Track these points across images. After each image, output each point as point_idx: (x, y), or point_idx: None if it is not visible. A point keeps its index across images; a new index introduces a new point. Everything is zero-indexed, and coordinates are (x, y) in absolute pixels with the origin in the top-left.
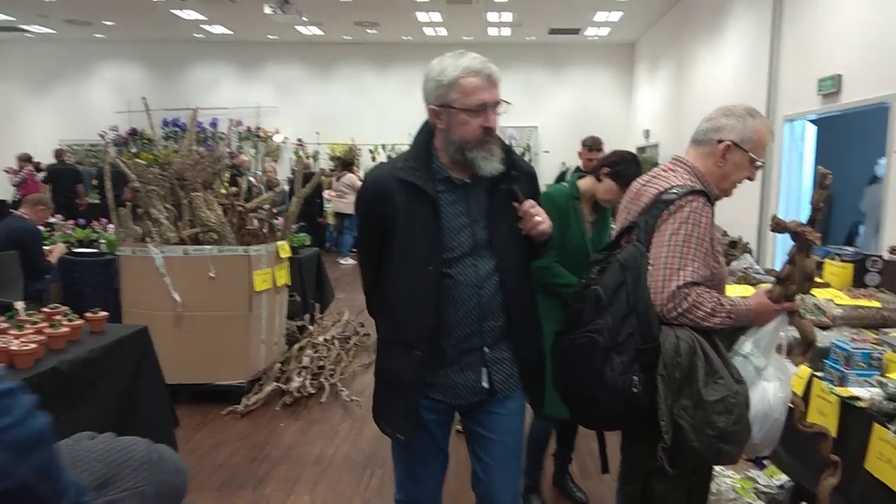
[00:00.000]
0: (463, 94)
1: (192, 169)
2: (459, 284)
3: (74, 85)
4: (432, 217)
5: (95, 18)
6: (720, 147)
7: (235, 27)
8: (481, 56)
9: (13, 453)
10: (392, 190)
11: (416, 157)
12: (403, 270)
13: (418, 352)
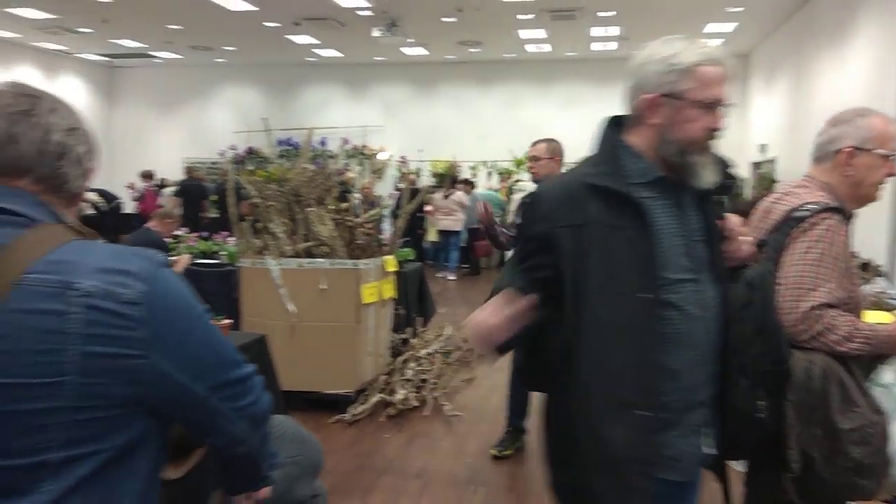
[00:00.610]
0: (700, 85)
1: (306, 185)
2: (686, 316)
3: (197, 106)
4: (641, 229)
5: (217, 44)
6: (841, 156)
7: (345, 50)
8: None
9: (251, 424)
10: (583, 201)
11: (605, 160)
12: (605, 301)
13: (643, 411)
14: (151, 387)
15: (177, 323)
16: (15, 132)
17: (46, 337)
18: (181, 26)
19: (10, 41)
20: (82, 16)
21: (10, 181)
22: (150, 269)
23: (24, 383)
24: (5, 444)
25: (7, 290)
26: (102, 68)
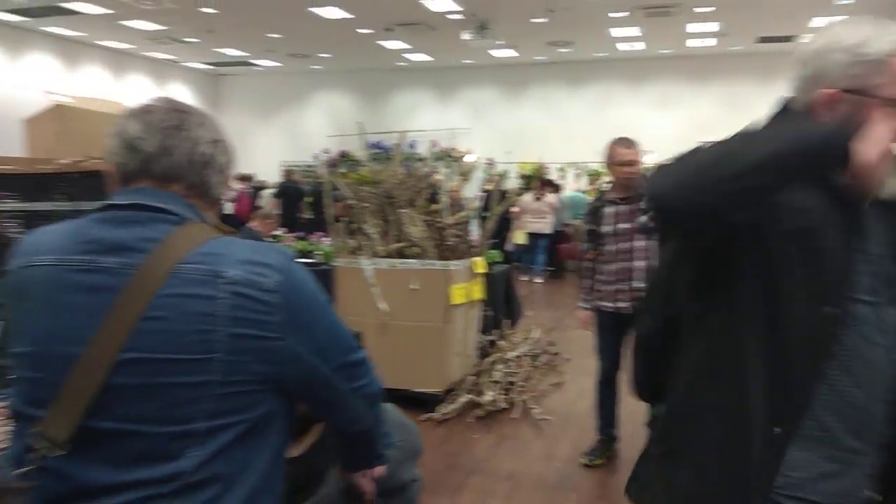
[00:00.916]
0: (894, 80)
1: (398, 187)
2: (866, 341)
3: (294, 112)
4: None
5: (313, 51)
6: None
7: (434, 53)
8: None
9: (368, 403)
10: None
11: None
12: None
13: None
14: (286, 366)
15: (307, 309)
16: (169, 144)
17: (199, 318)
18: (281, 35)
19: (125, 51)
20: (189, 27)
21: (165, 186)
22: (284, 262)
23: (180, 359)
24: (161, 414)
25: (165, 277)
26: (207, 76)
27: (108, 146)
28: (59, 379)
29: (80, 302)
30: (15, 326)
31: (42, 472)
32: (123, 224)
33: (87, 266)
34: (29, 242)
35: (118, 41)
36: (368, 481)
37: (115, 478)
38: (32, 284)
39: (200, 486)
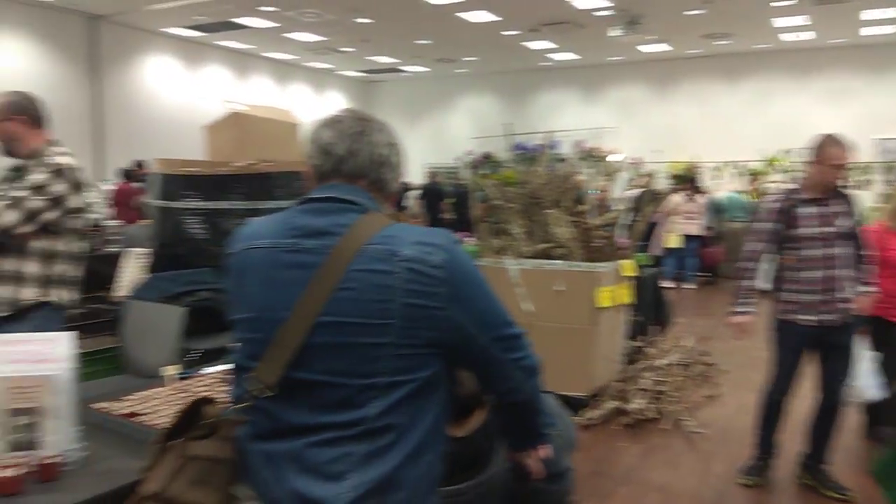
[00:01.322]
0: None
1: (544, 188)
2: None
3: (439, 115)
4: None
5: (459, 55)
6: None
7: (581, 52)
8: None
9: (524, 374)
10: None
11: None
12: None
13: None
14: (449, 333)
15: (468, 285)
16: (355, 148)
17: (379, 290)
18: (429, 41)
19: (288, 62)
20: (346, 37)
21: (352, 182)
22: (449, 243)
23: (365, 323)
24: (350, 368)
25: (354, 255)
26: (360, 83)
27: (306, 151)
28: (271, 337)
29: (289, 276)
30: (237, 298)
31: (254, 411)
32: (321, 213)
33: (294, 248)
34: (247, 230)
35: (282, 53)
36: (535, 462)
37: (311, 420)
38: (251, 263)
39: (379, 433)
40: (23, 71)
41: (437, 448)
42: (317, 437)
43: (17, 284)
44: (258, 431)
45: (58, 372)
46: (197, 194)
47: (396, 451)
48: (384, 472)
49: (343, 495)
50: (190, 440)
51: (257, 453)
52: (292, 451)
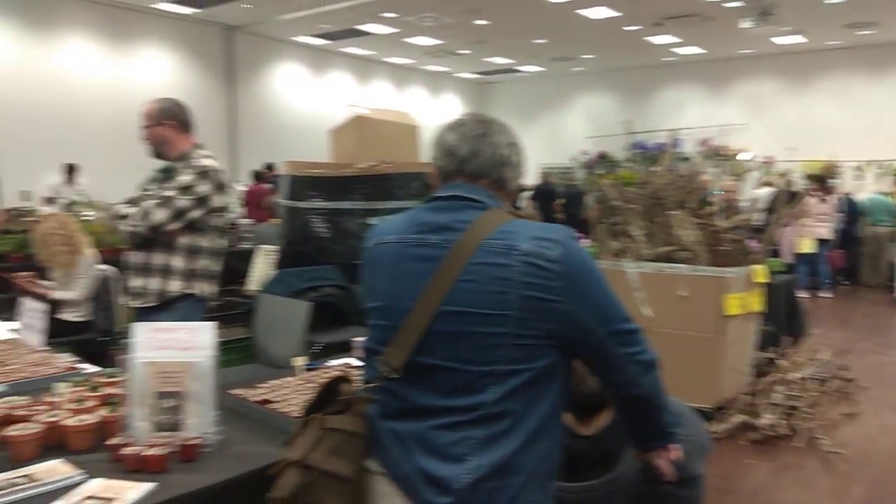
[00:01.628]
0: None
1: (667, 188)
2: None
3: (554, 115)
4: None
5: (576, 53)
6: None
7: (707, 46)
8: None
9: (642, 369)
10: None
11: None
12: None
13: None
14: (565, 325)
15: (584, 279)
16: (477, 149)
17: (498, 282)
18: (545, 40)
19: (406, 66)
20: (463, 39)
21: (474, 181)
22: (566, 239)
23: (484, 313)
24: (469, 355)
25: (474, 249)
26: (475, 85)
27: (431, 153)
28: (397, 324)
29: (414, 268)
30: (369, 288)
31: (382, 391)
32: (444, 210)
33: (419, 242)
34: (379, 228)
35: (401, 57)
36: (666, 463)
37: (434, 402)
38: (382, 257)
39: (496, 418)
40: (166, 80)
41: (555, 437)
42: (439, 421)
43: (164, 277)
44: (386, 410)
45: (201, 359)
46: (321, 195)
47: (513, 437)
48: (502, 456)
49: (464, 476)
50: (327, 414)
51: (386, 431)
52: (417, 432)
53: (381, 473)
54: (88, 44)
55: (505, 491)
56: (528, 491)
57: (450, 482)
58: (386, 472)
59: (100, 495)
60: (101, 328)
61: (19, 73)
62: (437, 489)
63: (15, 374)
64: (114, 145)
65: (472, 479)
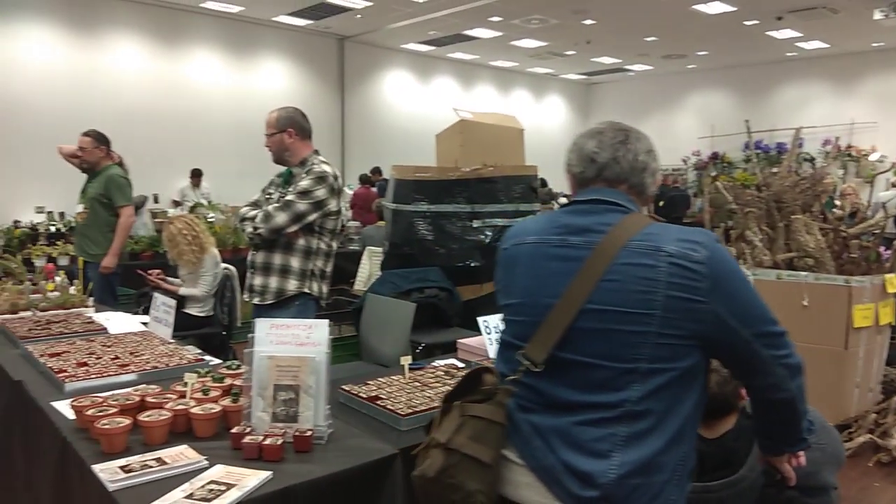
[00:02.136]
0: None
1: (790, 191)
2: None
3: (664, 114)
4: None
5: (690, 50)
6: None
7: (833, 40)
8: None
9: (788, 372)
10: None
11: None
12: None
13: None
14: (710, 326)
15: (729, 281)
16: (617, 156)
17: (643, 282)
18: (656, 37)
19: (510, 69)
20: (569, 40)
21: (614, 186)
22: (710, 242)
23: (629, 312)
24: (612, 352)
25: (618, 250)
26: (580, 86)
27: (569, 159)
28: (538, 320)
29: (555, 267)
30: (506, 286)
31: (520, 385)
32: (585, 214)
33: (561, 243)
34: (515, 230)
35: (506, 60)
36: (789, 468)
37: (575, 397)
38: (521, 256)
39: (639, 416)
40: (283, 89)
41: (692, 437)
42: (581, 417)
43: (283, 276)
44: (523, 403)
45: (316, 355)
46: (426, 198)
47: (657, 436)
48: (647, 454)
49: (610, 472)
50: (469, 402)
51: (524, 423)
52: (559, 426)
53: (519, 463)
54: (214, 56)
55: (648, 488)
56: (669, 490)
57: (596, 476)
58: (524, 462)
59: (221, 480)
60: (222, 323)
61: (152, 84)
62: (583, 483)
63: (146, 364)
64: (235, 151)
65: (618, 475)
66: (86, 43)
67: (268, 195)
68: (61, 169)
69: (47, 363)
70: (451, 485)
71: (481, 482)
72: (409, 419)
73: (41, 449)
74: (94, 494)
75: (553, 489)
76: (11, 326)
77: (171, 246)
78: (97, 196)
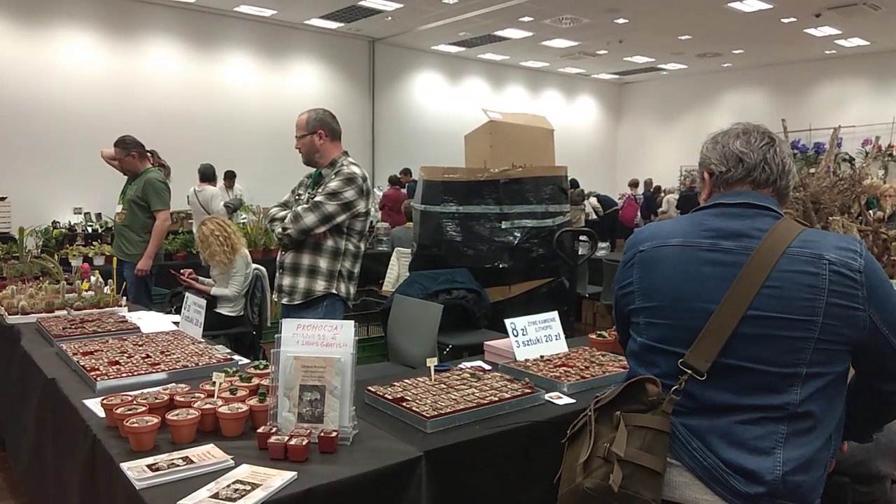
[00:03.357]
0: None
1: (828, 192)
2: None
3: (697, 114)
4: None
5: (725, 49)
6: None
7: (873, 37)
8: None
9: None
10: None
11: None
12: None
13: None
14: (864, 332)
15: (882, 289)
16: (767, 158)
17: (806, 289)
18: (691, 36)
19: (541, 70)
20: (601, 39)
21: (761, 189)
22: (864, 250)
23: (792, 318)
24: (773, 357)
25: (778, 256)
26: (612, 86)
27: (707, 157)
28: (695, 325)
29: (707, 272)
30: (646, 288)
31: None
32: (736, 217)
33: (712, 247)
34: (651, 231)
35: (536, 61)
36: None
37: (734, 401)
38: (664, 259)
39: (800, 418)
40: (314, 91)
41: (840, 436)
42: (743, 417)
43: (311, 277)
44: (676, 409)
45: (342, 355)
46: (454, 199)
47: (815, 436)
48: (808, 452)
49: (776, 469)
50: (632, 412)
51: (678, 426)
52: (719, 427)
53: (675, 465)
54: (247, 59)
55: (808, 485)
56: (820, 485)
57: (762, 474)
58: (681, 463)
59: (246, 480)
60: (252, 323)
61: (187, 87)
62: (748, 480)
63: (176, 363)
64: (267, 153)
65: (784, 472)
66: (123, 47)
67: (297, 196)
68: (99, 171)
69: (80, 361)
70: (628, 495)
71: (654, 491)
72: (435, 421)
73: (72, 446)
74: (122, 492)
75: (715, 488)
76: (47, 325)
77: (203, 247)
78: (135, 198)
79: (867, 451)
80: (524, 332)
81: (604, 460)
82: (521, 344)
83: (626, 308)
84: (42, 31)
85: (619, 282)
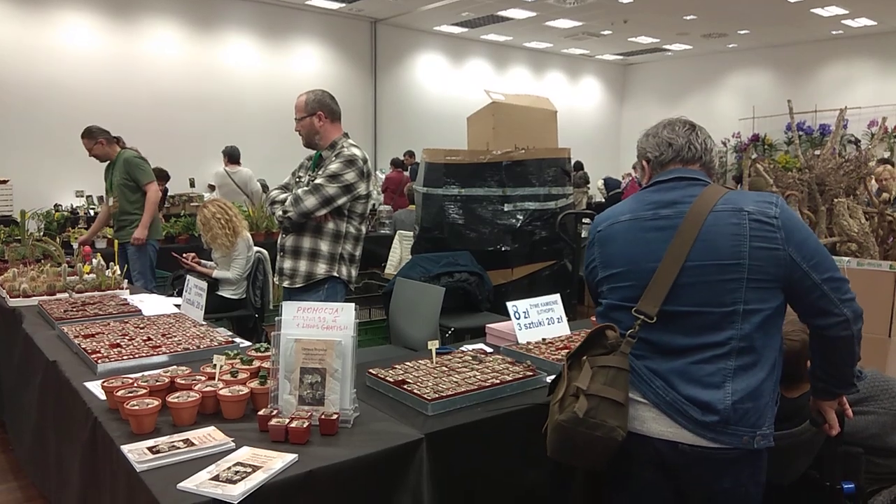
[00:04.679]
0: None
1: (833, 173)
2: None
3: (703, 95)
4: None
5: (731, 29)
6: None
7: (881, 17)
8: None
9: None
10: None
11: None
12: None
13: None
14: (786, 269)
15: (798, 231)
16: (690, 139)
17: (731, 238)
18: (696, 16)
19: (544, 51)
20: (605, 19)
21: (689, 166)
22: (779, 201)
23: (722, 263)
24: (712, 300)
25: (706, 214)
26: (617, 67)
27: (643, 148)
28: (646, 282)
29: (652, 237)
30: (606, 259)
31: (635, 338)
32: (671, 189)
33: (654, 217)
34: (607, 214)
35: (540, 41)
36: (834, 416)
37: (686, 342)
38: (617, 234)
39: (743, 351)
40: (316, 72)
41: (781, 367)
42: (695, 357)
43: (312, 260)
44: (638, 353)
45: (342, 338)
46: (456, 181)
47: (759, 368)
48: (753, 383)
49: (726, 399)
50: (596, 355)
51: (642, 368)
52: (676, 367)
53: (642, 402)
54: (247, 40)
55: (755, 411)
56: (769, 410)
57: (715, 404)
58: (647, 400)
59: (247, 462)
60: (254, 305)
61: (188, 69)
62: (704, 410)
63: (177, 345)
64: (269, 135)
65: (732, 401)
66: (124, 29)
67: (297, 178)
68: None
69: (81, 344)
70: (595, 423)
71: (618, 419)
72: (436, 404)
73: (73, 428)
74: (123, 474)
75: (677, 419)
76: (48, 308)
77: (205, 230)
78: (122, 182)
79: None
80: (526, 314)
81: (574, 397)
82: (523, 327)
83: (593, 281)
84: (42, 14)
85: (586, 260)
